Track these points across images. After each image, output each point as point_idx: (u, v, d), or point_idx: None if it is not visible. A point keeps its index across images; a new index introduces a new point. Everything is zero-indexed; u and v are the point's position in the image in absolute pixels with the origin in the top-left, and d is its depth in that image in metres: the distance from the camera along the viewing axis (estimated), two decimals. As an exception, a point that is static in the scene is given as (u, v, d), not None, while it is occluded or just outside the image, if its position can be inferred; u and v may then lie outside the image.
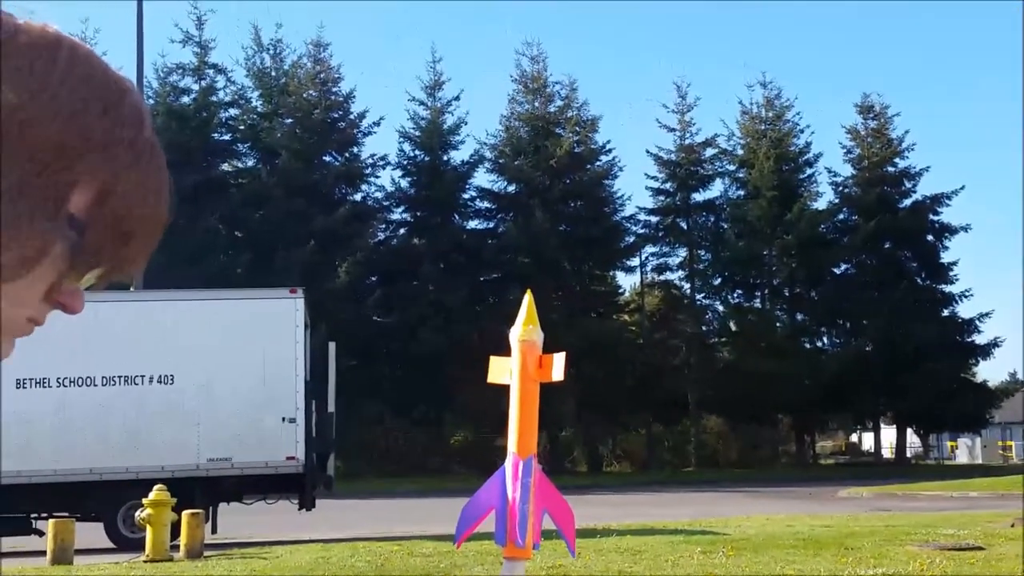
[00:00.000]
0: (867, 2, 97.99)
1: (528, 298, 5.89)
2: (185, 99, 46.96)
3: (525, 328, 5.74)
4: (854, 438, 73.95)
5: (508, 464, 5.66)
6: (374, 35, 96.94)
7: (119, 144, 0.91)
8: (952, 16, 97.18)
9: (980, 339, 51.55)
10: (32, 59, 0.88)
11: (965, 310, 52.23)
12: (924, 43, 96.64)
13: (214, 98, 47.57)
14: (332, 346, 19.08)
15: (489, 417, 43.01)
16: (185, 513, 14.33)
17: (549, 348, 5.89)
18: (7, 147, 0.84)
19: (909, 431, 55.01)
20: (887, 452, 57.57)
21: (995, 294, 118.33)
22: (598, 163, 50.51)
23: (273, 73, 48.90)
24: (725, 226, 52.53)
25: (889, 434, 56.98)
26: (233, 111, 48.53)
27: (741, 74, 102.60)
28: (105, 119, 0.90)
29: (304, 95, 47.43)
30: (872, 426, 56.05)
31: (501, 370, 5.83)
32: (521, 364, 5.69)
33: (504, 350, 6.05)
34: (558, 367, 5.70)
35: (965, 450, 64.74)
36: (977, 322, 51.32)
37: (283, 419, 17.25)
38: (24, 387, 16.56)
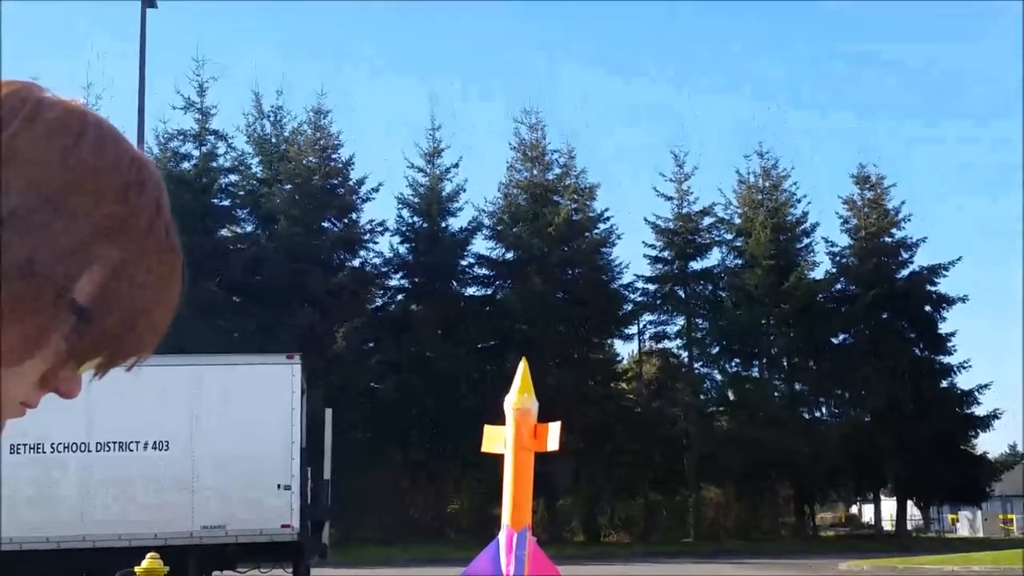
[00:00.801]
0: (861, 72, 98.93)
1: (523, 366, 5.84)
2: (186, 165, 47.17)
3: (520, 396, 5.67)
4: (854, 510, 73.36)
5: (502, 536, 5.57)
6: (374, 103, 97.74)
7: (132, 231, 0.89)
8: (947, 87, 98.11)
9: (979, 411, 51.42)
10: (56, 136, 0.87)
11: (964, 381, 52.04)
12: (920, 114, 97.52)
13: (214, 164, 47.79)
14: (328, 412, 19.00)
15: (486, 484, 42.75)
16: (176, 582, 14.15)
17: (545, 415, 5.82)
18: (16, 227, 0.82)
19: (910, 503, 54.59)
20: (887, 524, 57.08)
21: (993, 366, 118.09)
22: (596, 231, 50.65)
23: (273, 139, 49.20)
24: (723, 295, 52.55)
25: (889, 506, 56.54)
26: (233, 177, 48.73)
27: (738, 144, 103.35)
28: (122, 205, 0.88)
29: (304, 161, 47.67)
30: (872, 498, 55.63)
31: (495, 439, 5.75)
32: (516, 433, 5.61)
33: (502, 417, 5.98)
34: (553, 437, 5.62)
35: (966, 523, 64.25)
36: (976, 393, 51.18)
37: (278, 486, 17.12)
38: (18, 453, 16.44)
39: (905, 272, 52.39)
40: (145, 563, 14.05)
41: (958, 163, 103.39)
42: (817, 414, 52.98)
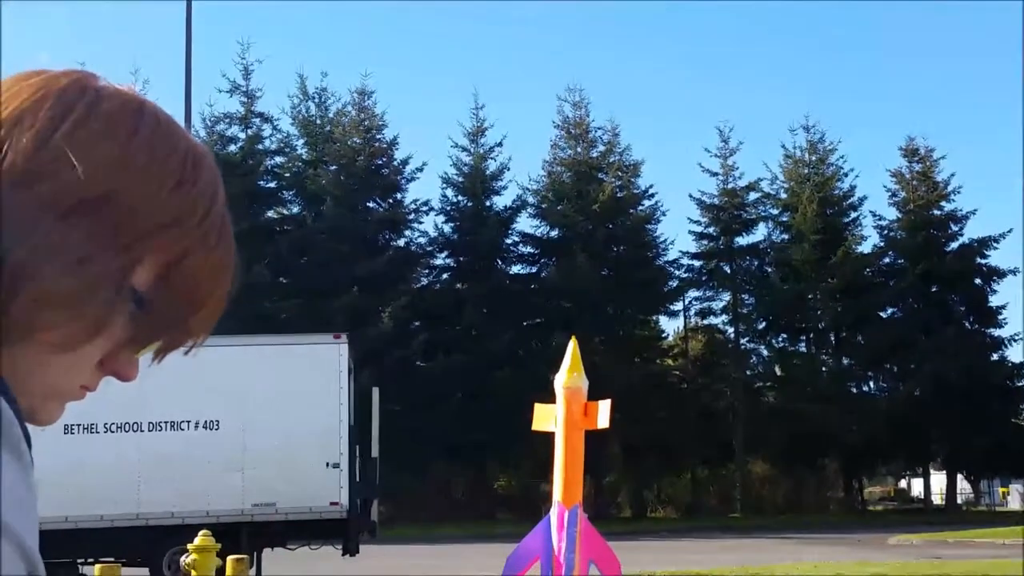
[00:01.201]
0: (909, 45, 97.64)
1: (573, 345, 5.86)
2: (232, 147, 47.54)
3: (570, 375, 5.71)
4: (903, 484, 72.89)
5: (553, 513, 5.62)
6: (418, 82, 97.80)
7: (189, 221, 0.90)
8: (996, 58, 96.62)
9: (1031, 383, 50.86)
10: (113, 129, 0.88)
11: (1014, 354, 51.60)
12: (969, 85, 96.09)
13: (260, 146, 48.14)
14: (376, 391, 19.11)
15: (533, 462, 42.87)
16: (230, 558, 14.32)
17: (592, 394, 5.84)
18: (75, 219, 0.84)
19: (959, 477, 54.19)
20: (937, 498, 56.68)
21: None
22: (641, 207, 50.50)
23: (318, 121, 49.48)
24: (769, 270, 52.28)
25: (939, 480, 56.14)
26: (279, 159, 49.08)
27: (784, 118, 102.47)
28: (178, 194, 0.90)
29: (348, 142, 47.89)
30: (922, 471, 55.27)
31: (546, 417, 5.79)
32: (566, 412, 5.65)
33: (547, 395, 6.01)
34: (603, 414, 5.65)
35: (1017, 496, 63.58)
36: (1027, 366, 50.65)
37: (327, 464, 17.29)
38: (72, 433, 16.70)
39: (955, 245, 51.87)
40: (197, 540, 14.24)
41: (1008, 133, 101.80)
42: (865, 388, 52.68)
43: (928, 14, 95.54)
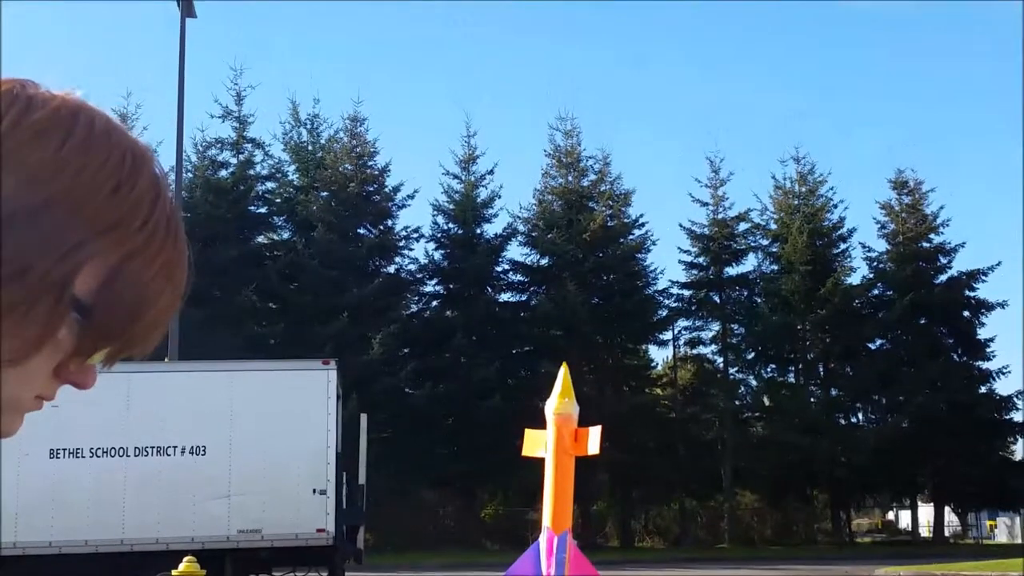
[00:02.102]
0: (899, 78, 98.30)
1: (564, 371, 5.85)
2: (223, 173, 47.55)
3: (561, 401, 5.69)
4: (891, 516, 72.77)
5: (542, 539, 5.58)
6: (410, 110, 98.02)
7: (130, 225, 0.88)
8: (985, 93, 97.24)
9: (1018, 416, 50.90)
10: (44, 136, 0.87)
11: (1003, 387, 51.63)
12: (959, 119, 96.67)
13: (251, 172, 48.15)
14: (364, 418, 19.08)
15: (522, 491, 42.74)
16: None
17: (581, 422, 5.83)
18: (9, 230, 0.83)
19: (947, 509, 54.12)
20: (924, 531, 56.59)
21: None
22: (631, 237, 50.55)
23: (310, 147, 49.52)
24: (758, 300, 52.30)
25: (927, 512, 56.07)
26: (270, 184, 49.11)
27: (774, 149, 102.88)
28: (116, 199, 0.88)
29: (340, 169, 47.92)
30: (909, 504, 55.19)
31: (536, 443, 5.77)
32: (556, 437, 5.63)
33: (536, 424, 5.99)
34: (594, 441, 5.63)
35: (1004, 529, 63.53)
36: (1015, 399, 50.67)
37: (314, 491, 17.20)
38: (58, 457, 16.60)
39: (943, 277, 52.00)
40: (182, 566, 14.15)
41: (998, 166, 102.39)
42: (853, 420, 52.63)
43: (918, 47, 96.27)
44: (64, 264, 0.85)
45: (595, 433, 5.71)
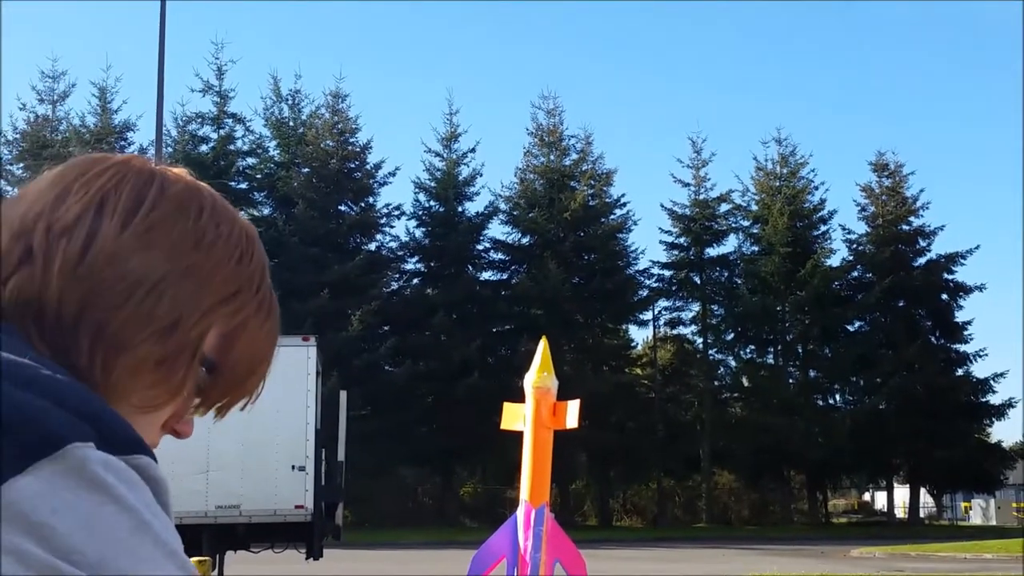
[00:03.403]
0: (882, 61, 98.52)
1: (543, 345, 5.87)
2: (204, 148, 47.36)
3: (540, 375, 5.72)
4: (867, 497, 73.29)
5: (520, 512, 5.61)
6: (393, 86, 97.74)
7: (248, 291, 1.00)
8: (968, 75, 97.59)
9: (995, 399, 51.30)
10: (183, 210, 0.98)
11: (980, 370, 51.92)
12: (940, 102, 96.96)
13: (232, 147, 47.98)
14: (343, 395, 19.03)
15: (500, 470, 42.84)
16: (192, 560, 14.23)
17: (561, 400, 5.86)
18: (162, 293, 0.93)
19: (923, 491, 54.55)
20: (900, 512, 57.04)
21: (1010, 354, 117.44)
22: (612, 216, 50.61)
23: (291, 123, 49.32)
24: (738, 281, 52.48)
25: (902, 493, 56.50)
26: (251, 160, 48.92)
27: (756, 130, 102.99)
28: (239, 268, 1.00)
29: (321, 145, 47.75)
30: (885, 485, 55.60)
31: (515, 417, 5.80)
32: (535, 411, 5.65)
33: (515, 401, 6.01)
34: (572, 414, 5.67)
35: (979, 511, 64.08)
36: (992, 382, 51.05)
37: (292, 467, 17.17)
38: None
39: (922, 260, 52.28)
40: (161, 541, 14.13)
41: (977, 150, 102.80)
42: (831, 401, 52.95)
43: (901, 30, 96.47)
44: (201, 325, 0.95)
45: (573, 407, 5.73)
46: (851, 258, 53.12)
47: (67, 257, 0.91)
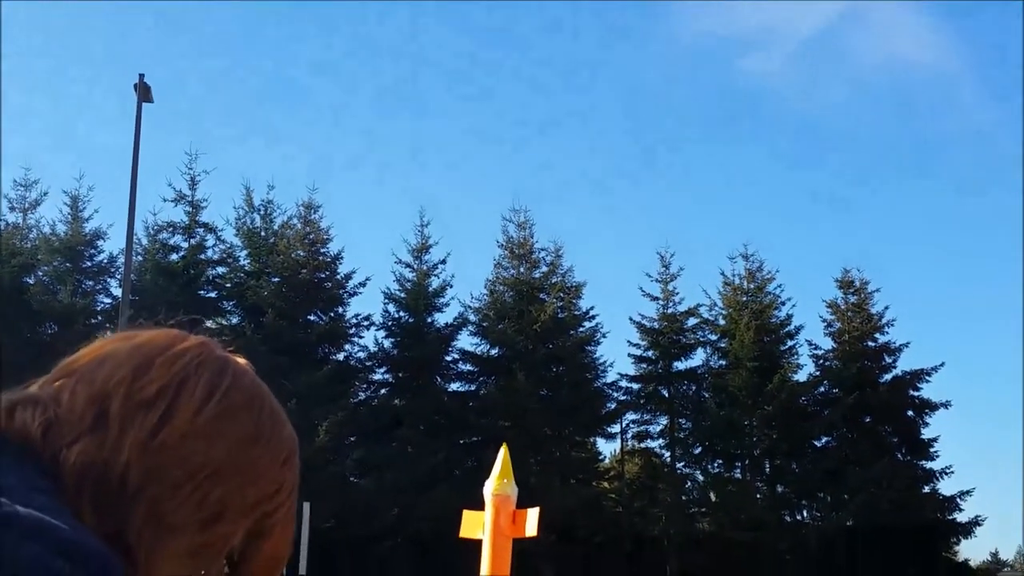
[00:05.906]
0: (849, 179, 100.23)
1: (503, 452, 5.93)
2: (174, 256, 47.43)
3: (499, 482, 5.75)
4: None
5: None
6: (365, 197, 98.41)
7: (283, 492, 1.02)
8: (934, 194, 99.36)
9: (962, 517, 51.17)
10: (250, 401, 1.01)
11: (946, 487, 51.80)
12: (905, 219, 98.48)
13: (202, 256, 48.06)
14: (307, 506, 18.88)
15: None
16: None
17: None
18: (218, 481, 0.93)
19: (891, 610, 54.07)
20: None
21: (976, 471, 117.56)
22: (581, 329, 50.78)
23: (262, 233, 49.50)
24: (706, 395, 52.54)
25: (871, 612, 55.98)
26: (220, 269, 48.99)
27: (724, 245, 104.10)
28: (283, 470, 1.02)
29: (292, 255, 47.92)
30: (854, 603, 55.07)
31: (474, 525, 5.81)
32: (494, 519, 5.66)
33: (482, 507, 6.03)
34: (531, 522, 5.68)
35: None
36: (959, 500, 50.97)
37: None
38: None
39: (888, 376, 52.52)
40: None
41: (943, 268, 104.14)
42: (799, 517, 52.65)
43: (867, 146, 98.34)
44: (239, 521, 0.96)
45: (533, 515, 5.77)
46: (818, 373, 53.33)
47: (143, 429, 0.92)
